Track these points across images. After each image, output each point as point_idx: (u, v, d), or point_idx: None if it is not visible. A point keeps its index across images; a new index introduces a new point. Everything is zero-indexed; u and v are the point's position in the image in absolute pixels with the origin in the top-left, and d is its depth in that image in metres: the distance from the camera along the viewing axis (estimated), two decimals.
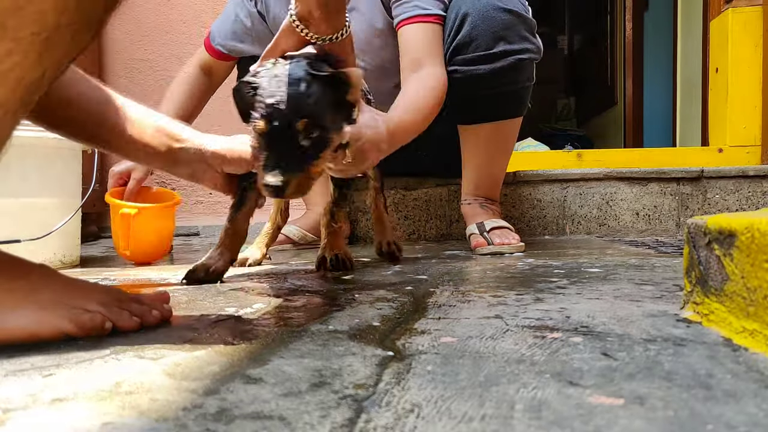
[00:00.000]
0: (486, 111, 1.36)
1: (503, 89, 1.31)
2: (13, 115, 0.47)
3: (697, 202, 1.78)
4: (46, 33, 0.44)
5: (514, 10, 1.26)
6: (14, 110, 0.47)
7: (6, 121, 0.47)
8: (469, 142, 1.42)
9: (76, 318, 0.55)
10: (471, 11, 1.26)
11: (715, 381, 0.40)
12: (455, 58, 1.29)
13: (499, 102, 1.34)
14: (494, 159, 1.43)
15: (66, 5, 0.44)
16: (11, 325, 0.52)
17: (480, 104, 1.34)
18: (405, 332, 0.57)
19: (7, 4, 0.42)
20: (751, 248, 0.49)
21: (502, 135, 1.41)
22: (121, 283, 0.98)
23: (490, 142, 1.40)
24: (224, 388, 0.41)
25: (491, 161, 1.43)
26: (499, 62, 1.27)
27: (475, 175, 1.44)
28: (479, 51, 1.27)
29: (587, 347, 0.50)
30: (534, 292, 0.78)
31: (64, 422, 0.35)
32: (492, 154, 1.42)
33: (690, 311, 0.60)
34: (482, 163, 1.43)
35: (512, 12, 1.26)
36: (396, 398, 0.39)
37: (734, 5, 1.96)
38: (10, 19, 0.42)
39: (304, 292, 0.83)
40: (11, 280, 0.54)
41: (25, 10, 0.42)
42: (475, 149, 1.42)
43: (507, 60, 1.27)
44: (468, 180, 1.46)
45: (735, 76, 1.96)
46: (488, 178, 1.45)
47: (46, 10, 0.43)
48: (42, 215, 1.18)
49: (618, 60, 4.36)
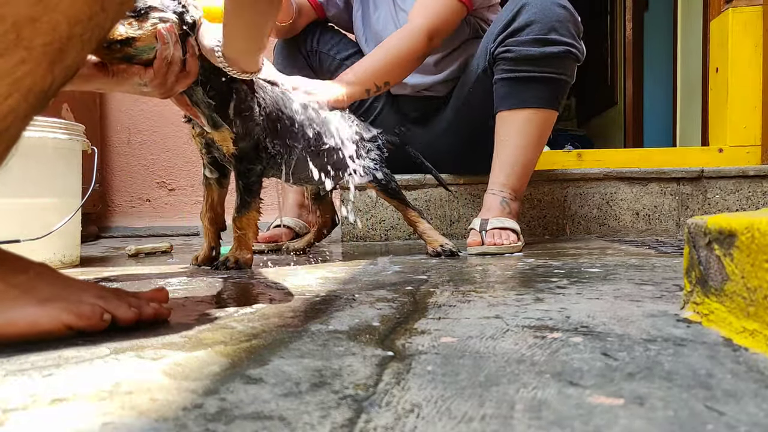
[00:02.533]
0: (527, 95, 1.40)
1: (548, 74, 1.38)
2: (23, 119, 0.48)
3: (697, 202, 1.78)
4: (59, 43, 0.45)
5: (568, 7, 1.38)
6: (24, 115, 0.48)
7: (17, 125, 0.48)
8: (504, 128, 1.43)
9: (76, 309, 0.55)
10: (530, 1, 1.37)
11: (715, 381, 0.40)
12: (509, 40, 1.39)
13: (541, 87, 1.39)
14: (527, 148, 1.43)
15: (79, 18, 0.45)
16: (11, 317, 0.52)
17: (523, 87, 1.40)
18: (405, 332, 0.57)
19: (22, 15, 0.43)
20: (751, 248, 0.49)
21: (538, 126, 1.42)
22: (122, 282, 0.98)
23: (526, 130, 1.42)
24: (224, 388, 0.41)
25: (524, 150, 1.42)
26: (550, 47, 1.36)
27: (506, 162, 1.43)
28: (533, 35, 1.36)
29: (587, 347, 0.50)
30: (534, 292, 0.78)
31: (64, 422, 0.35)
32: (526, 143, 1.42)
33: (690, 311, 0.60)
34: (515, 151, 1.42)
35: (567, 9, 1.37)
36: (396, 398, 0.39)
37: (734, 5, 1.97)
38: (24, 30, 0.43)
39: (304, 292, 0.83)
40: (10, 276, 0.54)
41: (39, 21, 0.44)
42: (510, 136, 1.42)
43: (557, 47, 1.36)
44: (498, 169, 1.44)
45: (735, 76, 1.96)
46: (520, 168, 1.43)
47: (60, 22, 0.45)
48: (42, 215, 1.18)
49: (618, 60, 4.37)
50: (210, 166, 1.17)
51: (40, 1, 0.43)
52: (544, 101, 1.40)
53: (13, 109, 0.46)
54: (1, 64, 0.44)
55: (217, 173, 1.18)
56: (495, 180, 1.44)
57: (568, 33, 1.36)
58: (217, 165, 1.17)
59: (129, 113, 2.53)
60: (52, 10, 0.44)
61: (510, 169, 1.42)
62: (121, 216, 2.55)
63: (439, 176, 1.48)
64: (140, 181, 2.55)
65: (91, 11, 0.46)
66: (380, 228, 1.84)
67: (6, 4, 0.42)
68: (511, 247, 1.31)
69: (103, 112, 2.53)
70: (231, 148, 1.08)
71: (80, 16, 0.45)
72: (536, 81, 1.38)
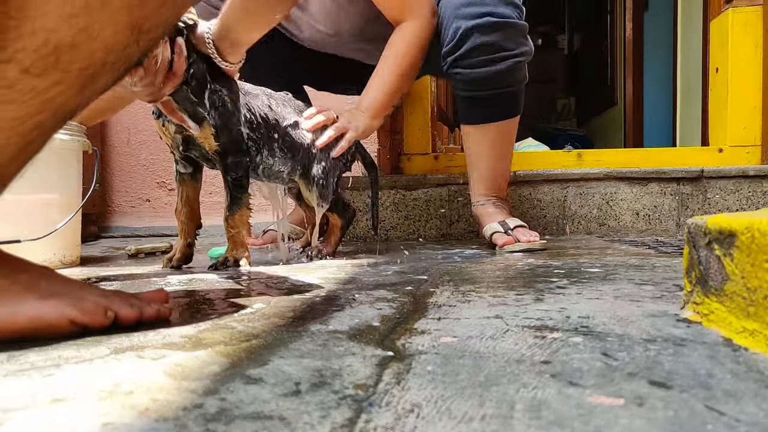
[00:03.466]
0: (490, 111, 1.44)
1: (502, 90, 1.41)
2: (46, 136, 0.51)
3: (697, 202, 1.78)
4: (93, 69, 0.48)
5: (509, 21, 1.34)
6: (48, 132, 0.51)
7: (40, 140, 0.51)
8: (476, 143, 1.48)
9: (79, 305, 0.56)
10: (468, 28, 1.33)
11: (715, 381, 0.40)
12: (458, 62, 1.37)
13: (500, 103, 1.43)
14: (501, 157, 1.49)
15: (113, 48, 0.48)
16: (15, 311, 0.53)
17: (483, 105, 1.43)
18: (405, 332, 0.57)
19: (65, 42, 0.46)
20: (751, 248, 0.49)
21: (507, 134, 1.48)
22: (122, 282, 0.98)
23: (496, 142, 1.47)
24: (224, 388, 0.41)
25: (499, 159, 1.49)
26: (498, 65, 1.36)
27: (485, 175, 1.49)
28: (480, 57, 1.35)
29: (587, 347, 0.50)
30: (534, 292, 0.78)
31: (64, 422, 0.35)
32: (498, 153, 1.48)
33: (690, 311, 0.60)
34: (491, 163, 1.48)
35: (507, 23, 1.34)
36: (396, 398, 0.39)
37: (734, 5, 1.96)
38: (64, 55, 0.46)
39: (304, 292, 0.83)
40: (13, 274, 0.55)
41: (79, 48, 0.46)
42: (483, 149, 1.48)
43: (506, 63, 1.36)
44: (477, 181, 1.50)
45: (735, 76, 1.96)
46: (499, 176, 1.49)
47: (97, 50, 0.47)
48: (42, 215, 1.18)
49: (618, 60, 4.37)
50: (183, 161, 1.17)
51: (84, 31, 0.46)
52: (504, 113, 1.45)
53: (39, 124, 0.49)
54: (37, 83, 0.46)
55: (191, 167, 1.18)
56: (478, 193, 1.50)
57: (513, 43, 1.35)
58: (190, 160, 1.18)
59: (129, 113, 2.52)
60: (93, 40, 0.46)
61: (490, 182, 1.49)
62: (121, 216, 2.55)
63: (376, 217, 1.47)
64: (140, 181, 2.55)
65: (126, 42, 0.49)
66: (380, 228, 1.84)
67: (53, 31, 0.45)
68: (543, 242, 1.37)
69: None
70: (213, 145, 1.09)
71: (116, 46, 0.48)
72: (493, 98, 1.41)
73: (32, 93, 0.47)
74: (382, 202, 1.84)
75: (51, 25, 0.44)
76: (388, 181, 1.85)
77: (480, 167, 1.49)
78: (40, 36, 0.45)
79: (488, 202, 1.48)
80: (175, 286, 0.92)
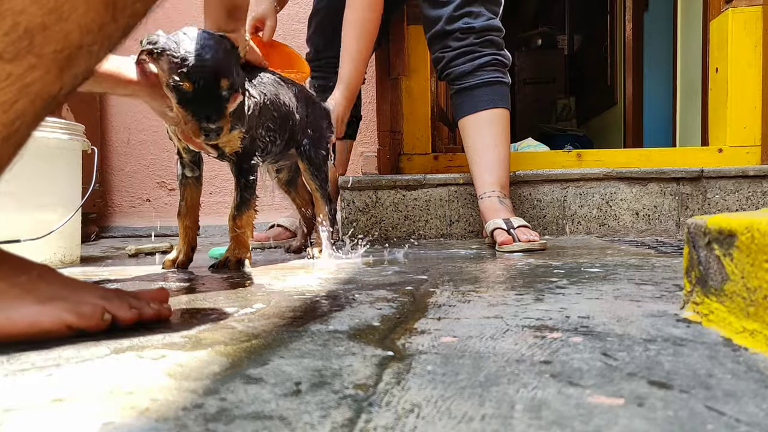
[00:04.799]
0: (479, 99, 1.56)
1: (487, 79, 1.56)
2: (31, 124, 0.50)
3: (697, 202, 1.78)
4: (69, 51, 0.46)
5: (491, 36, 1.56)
6: (32, 120, 0.49)
7: (24, 129, 0.49)
8: (471, 133, 1.57)
9: (77, 309, 0.55)
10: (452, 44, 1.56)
11: (715, 381, 0.40)
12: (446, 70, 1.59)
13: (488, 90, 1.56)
14: (498, 146, 1.55)
15: (90, 28, 0.46)
16: (12, 316, 0.52)
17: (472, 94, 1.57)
18: (405, 332, 0.57)
19: (36, 23, 0.44)
20: (751, 248, 0.49)
21: (499, 122, 1.56)
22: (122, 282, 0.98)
23: (491, 128, 1.56)
24: (224, 388, 0.41)
25: (494, 145, 1.54)
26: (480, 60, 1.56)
27: (484, 162, 1.54)
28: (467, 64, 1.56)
29: (587, 347, 0.50)
30: (534, 292, 0.78)
31: (64, 422, 0.35)
32: (494, 140, 1.55)
33: (690, 311, 0.60)
34: (488, 149, 1.54)
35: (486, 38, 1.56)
36: (396, 398, 0.39)
37: (734, 5, 1.96)
38: (37, 37, 0.45)
39: (304, 292, 0.83)
40: (12, 276, 0.55)
41: (51, 29, 0.45)
42: (478, 136, 1.56)
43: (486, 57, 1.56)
44: (478, 173, 1.55)
45: (735, 76, 1.96)
46: (497, 163, 1.53)
47: (71, 31, 0.46)
48: (42, 215, 1.18)
49: (618, 60, 4.36)
50: (191, 164, 1.17)
51: (54, 11, 0.44)
52: (494, 101, 1.56)
53: (20, 113, 0.47)
54: (11, 69, 0.45)
55: (198, 171, 1.18)
56: (482, 183, 1.54)
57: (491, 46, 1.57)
58: (198, 164, 1.17)
59: (129, 113, 2.52)
60: (65, 20, 0.45)
61: (491, 166, 1.54)
62: (121, 216, 2.55)
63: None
64: (140, 181, 2.55)
65: (102, 21, 0.47)
66: (380, 228, 1.84)
67: (21, 13, 0.43)
68: (542, 243, 1.37)
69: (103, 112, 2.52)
70: (237, 146, 1.09)
71: (91, 25, 0.47)
72: (481, 86, 1.56)
73: (9, 80, 0.45)
74: (381, 203, 1.84)
75: (19, 6, 0.43)
76: (388, 181, 1.85)
77: (477, 156, 1.55)
78: (8, 19, 0.43)
79: (494, 195, 1.50)
80: (175, 285, 0.92)
